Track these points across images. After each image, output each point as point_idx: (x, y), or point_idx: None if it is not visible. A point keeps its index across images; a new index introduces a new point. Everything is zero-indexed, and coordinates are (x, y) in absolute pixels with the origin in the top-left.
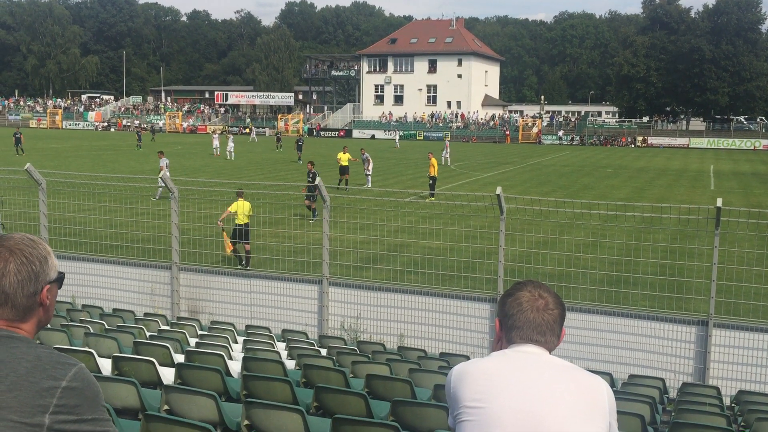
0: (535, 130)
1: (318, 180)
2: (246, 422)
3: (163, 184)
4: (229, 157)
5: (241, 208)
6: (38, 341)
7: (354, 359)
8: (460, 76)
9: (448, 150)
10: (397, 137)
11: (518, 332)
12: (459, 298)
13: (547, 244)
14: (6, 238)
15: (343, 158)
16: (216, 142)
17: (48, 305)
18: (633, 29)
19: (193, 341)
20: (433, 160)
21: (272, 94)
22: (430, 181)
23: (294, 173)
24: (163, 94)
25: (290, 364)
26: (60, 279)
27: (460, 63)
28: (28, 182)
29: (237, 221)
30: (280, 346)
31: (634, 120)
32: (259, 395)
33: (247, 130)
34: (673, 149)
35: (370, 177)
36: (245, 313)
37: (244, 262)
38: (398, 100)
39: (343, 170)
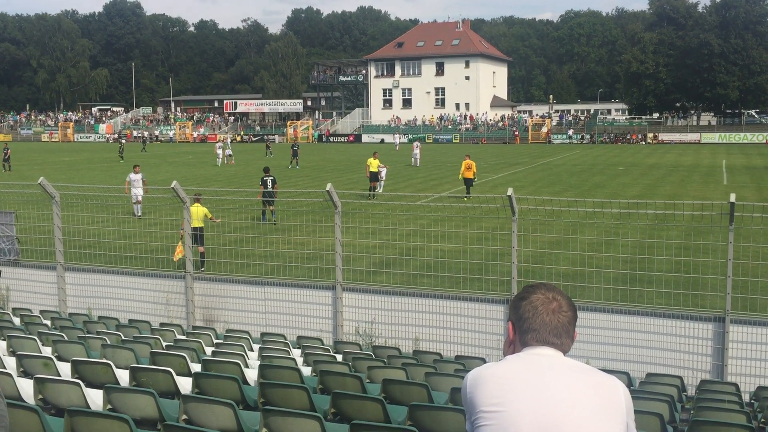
0: (544, 129)
1: (329, 186)
2: (264, 430)
3: (136, 200)
4: (218, 163)
5: (196, 213)
6: (56, 354)
7: (370, 364)
8: (467, 77)
9: (416, 152)
10: (398, 140)
11: (534, 335)
12: (473, 301)
13: (559, 243)
14: None
15: (373, 164)
16: (228, 151)
17: None
18: (640, 26)
19: (209, 350)
20: (472, 163)
21: (281, 101)
22: (467, 183)
23: (305, 179)
24: (172, 105)
25: (306, 371)
26: None
27: (467, 65)
28: (41, 196)
29: (192, 225)
30: (296, 353)
31: (644, 117)
32: (277, 403)
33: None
34: (685, 145)
35: (382, 182)
36: (260, 320)
37: (201, 266)
38: (406, 103)
39: (373, 177)
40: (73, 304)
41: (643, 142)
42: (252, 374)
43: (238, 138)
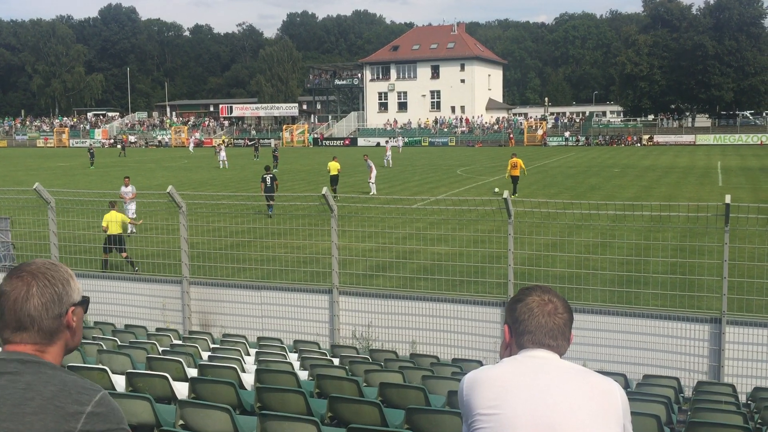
0: (540, 132)
1: (324, 190)
2: None
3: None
4: (221, 167)
5: (114, 219)
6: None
7: (367, 368)
8: (463, 80)
9: (390, 153)
10: (401, 143)
11: (530, 337)
12: (470, 303)
13: (556, 246)
14: (28, 263)
15: (333, 168)
16: (222, 155)
17: (74, 328)
18: (634, 28)
19: (205, 355)
20: (518, 161)
21: (276, 105)
22: (514, 182)
23: (300, 183)
24: (168, 109)
25: (303, 375)
26: (85, 302)
27: (462, 68)
28: (37, 201)
29: (110, 231)
30: (293, 357)
31: (639, 119)
32: (273, 407)
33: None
34: (680, 146)
35: (373, 185)
36: (257, 325)
37: (135, 267)
38: (402, 106)
39: (333, 180)
40: None
41: (639, 144)
42: (249, 379)
43: (220, 142)
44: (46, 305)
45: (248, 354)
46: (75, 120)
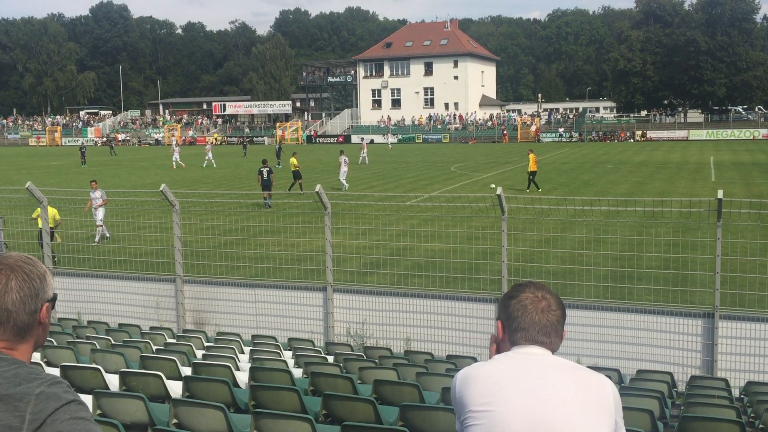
0: (533, 128)
1: (318, 187)
2: None
3: (99, 222)
4: (213, 165)
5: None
6: (45, 360)
7: (361, 365)
8: (456, 77)
9: (365, 150)
10: (390, 141)
11: (523, 334)
12: (464, 300)
13: (549, 242)
14: (5, 256)
15: (292, 163)
16: (176, 155)
17: (46, 324)
18: (627, 24)
19: (199, 353)
20: (532, 156)
21: (270, 102)
22: (531, 176)
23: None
24: (161, 107)
25: (297, 373)
26: (54, 299)
27: (456, 64)
28: (29, 200)
29: (41, 224)
30: (287, 355)
31: (632, 114)
32: (268, 405)
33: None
34: (672, 142)
35: (343, 180)
36: (251, 323)
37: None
38: (396, 103)
39: (296, 175)
40: (62, 308)
41: (632, 140)
42: (243, 377)
43: (212, 140)
44: (23, 300)
45: (242, 352)
46: (67, 118)
